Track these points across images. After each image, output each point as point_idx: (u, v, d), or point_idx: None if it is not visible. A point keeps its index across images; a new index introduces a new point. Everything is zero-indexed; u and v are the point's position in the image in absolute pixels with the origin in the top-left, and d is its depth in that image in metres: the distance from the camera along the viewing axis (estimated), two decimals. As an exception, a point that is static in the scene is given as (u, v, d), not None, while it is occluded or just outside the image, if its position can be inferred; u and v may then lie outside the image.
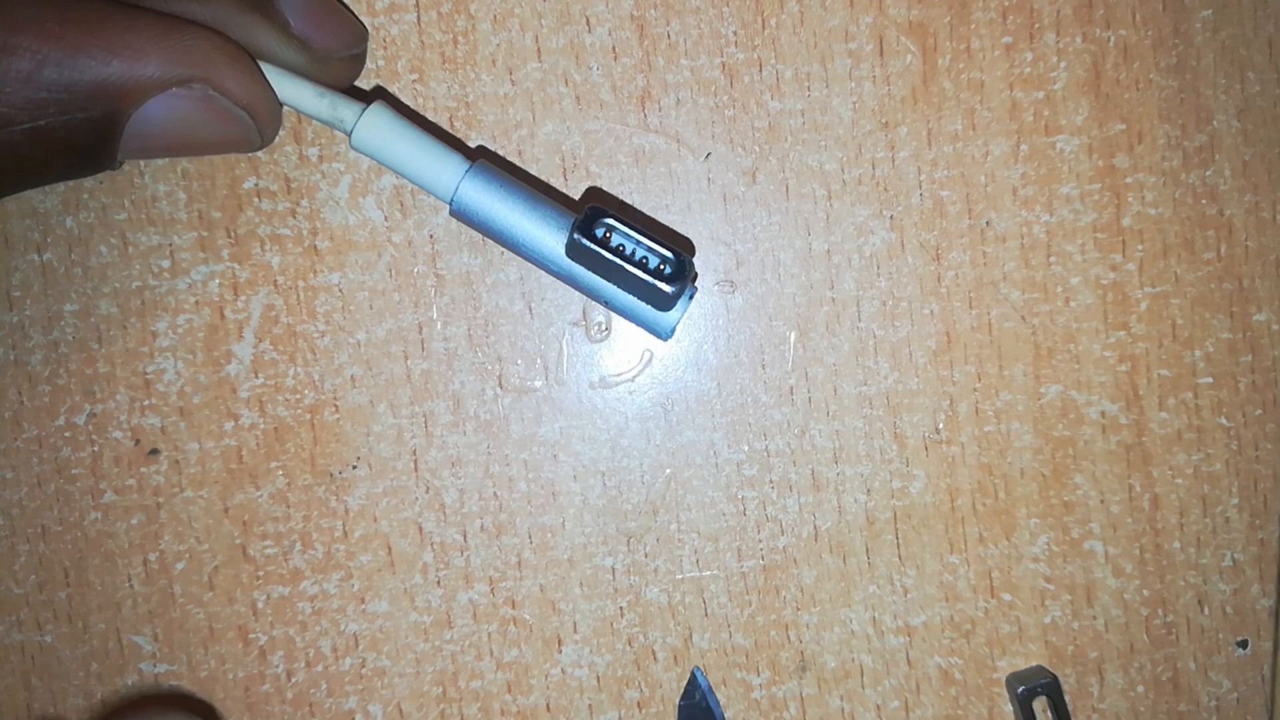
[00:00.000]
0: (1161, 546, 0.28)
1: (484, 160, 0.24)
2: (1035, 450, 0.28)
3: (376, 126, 0.23)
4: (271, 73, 0.23)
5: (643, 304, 0.24)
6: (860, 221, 0.27)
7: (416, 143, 0.23)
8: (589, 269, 0.23)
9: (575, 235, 0.23)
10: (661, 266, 0.23)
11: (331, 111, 0.23)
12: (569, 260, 0.24)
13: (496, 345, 0.27)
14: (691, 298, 0.24)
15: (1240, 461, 0.28)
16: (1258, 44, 0.28)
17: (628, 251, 0.23)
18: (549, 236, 0.23)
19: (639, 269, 0.23)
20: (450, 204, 0.24)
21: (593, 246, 0.23)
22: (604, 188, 0.27)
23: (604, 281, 0.24)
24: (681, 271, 0.23)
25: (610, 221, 0.23)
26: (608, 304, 0.24)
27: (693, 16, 0.27)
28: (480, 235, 0.25)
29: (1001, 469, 0.28)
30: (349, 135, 0.23)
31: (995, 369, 0.28)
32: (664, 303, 0.23)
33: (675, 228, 0.27)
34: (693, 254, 0.23)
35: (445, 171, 0.23)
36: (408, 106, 0.27)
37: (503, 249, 0.27)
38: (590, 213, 0.23)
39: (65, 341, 0.27)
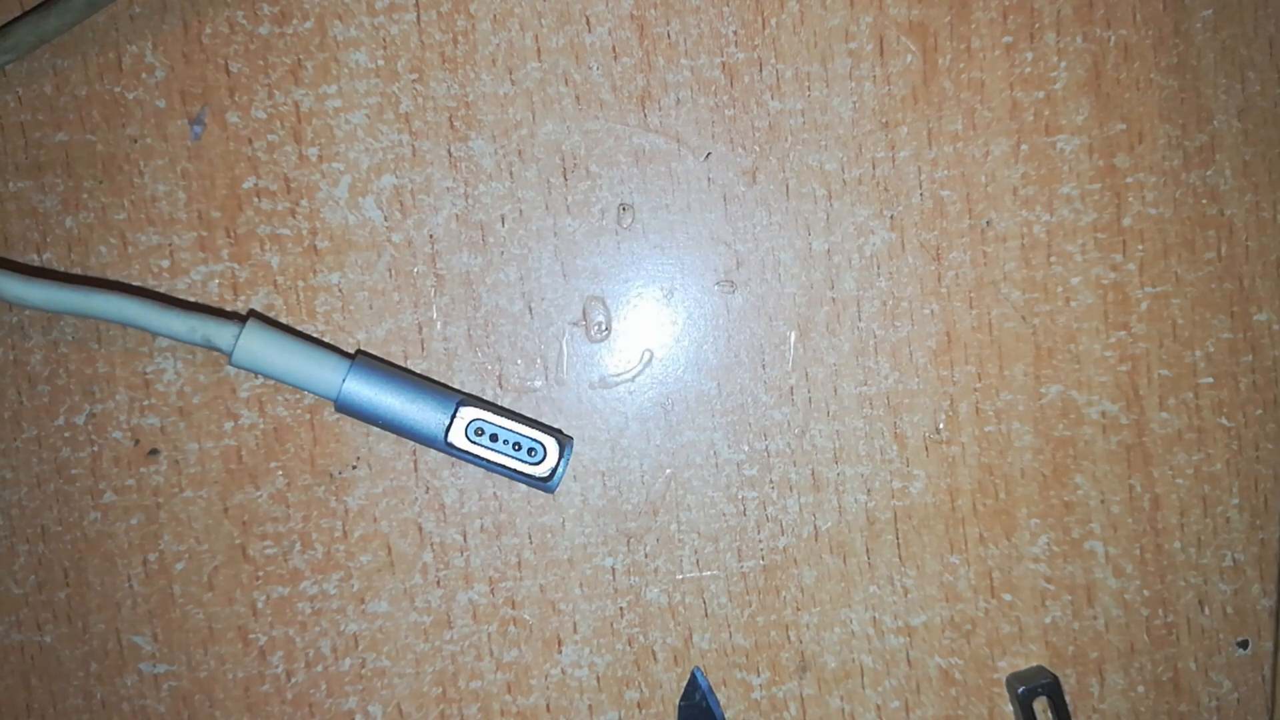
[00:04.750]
0: (1162, 547, 0.28)
1: (363, 356, 0.26)
2: (1035, 450, 0.28)
3: (255, 343, 0.25)
4: (144, 307, 0.24)
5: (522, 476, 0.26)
6: (860, 221, 0.27)
7: (296, 350, 0.25)
8: (469, 457, 0.25)
9: (448, 440, 0.25)
10: (533, 449, 0.25)
11: (206, 340, 0.25)
12: (450, 446, 0.25)
13: (496, 345, 0.27)
14: (569, 460, 0.26)
15: (1241, 461, 0.28)
16: (1258, 43, 0.28)
17: (501, 440, 0.25)
18: (431, 421, 0.25)
19: (512, 458, 0.25)
20: (336, 401, 0.25)
21: (464, 448, 0.25)
22: (604, 188, 0.27)
23: (485, 462, 0.26)
24: (548, 454, 0.25)
25: (481, 417, 0.25)
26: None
27: (693, 16, 0.27)
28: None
29: (1002, 469, 0.28)
30: (229, 356, 0.25)
31: (995, 369, 0.28)
32: (541, 483, 0.26)
33: (675, 228, 0.27)
34: (565, 436, 0.26)
35: (328, 372, 0.25)
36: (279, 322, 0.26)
37: (501, 251, 0.27)
38: (460, 412, 0.25)
39: (65, 341, 0.27)
